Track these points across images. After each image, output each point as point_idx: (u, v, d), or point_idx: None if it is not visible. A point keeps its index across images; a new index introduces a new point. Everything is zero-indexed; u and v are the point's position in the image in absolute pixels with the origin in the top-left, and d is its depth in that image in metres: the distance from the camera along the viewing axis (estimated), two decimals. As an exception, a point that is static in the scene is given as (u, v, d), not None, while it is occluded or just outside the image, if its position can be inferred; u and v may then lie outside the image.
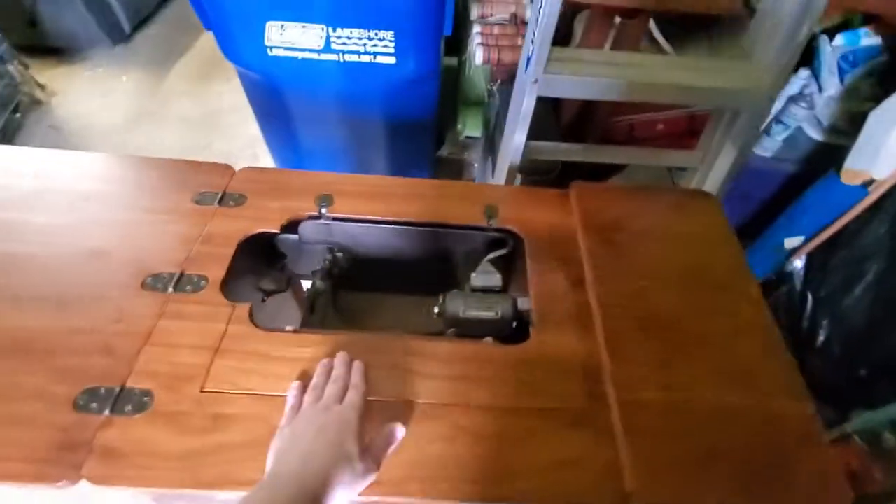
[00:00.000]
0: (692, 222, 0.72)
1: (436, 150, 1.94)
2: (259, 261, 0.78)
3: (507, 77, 1.40)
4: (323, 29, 1.03)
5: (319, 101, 1.17)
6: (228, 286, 0.62)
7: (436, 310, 0.66)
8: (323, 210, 0.71)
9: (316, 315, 0.73)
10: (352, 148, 1.31)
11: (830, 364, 1.19)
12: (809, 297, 1.26)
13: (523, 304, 0.64)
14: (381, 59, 1.09)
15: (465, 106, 1.96)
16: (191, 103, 2.23)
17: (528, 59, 0.74)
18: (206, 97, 2.24)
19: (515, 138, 0.82)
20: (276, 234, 0.68)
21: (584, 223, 0.70)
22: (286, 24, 1.03)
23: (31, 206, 0.67)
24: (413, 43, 1.07)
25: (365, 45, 1.06)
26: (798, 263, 1.30)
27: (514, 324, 0.65)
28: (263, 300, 0.80)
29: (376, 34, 1.04)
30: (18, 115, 2.06)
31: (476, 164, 2.03)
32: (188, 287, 0.60)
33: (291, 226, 0.70)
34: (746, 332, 0.60)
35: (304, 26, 1.03)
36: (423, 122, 1.33)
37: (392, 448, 0.45)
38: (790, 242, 1.33)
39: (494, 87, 1.43)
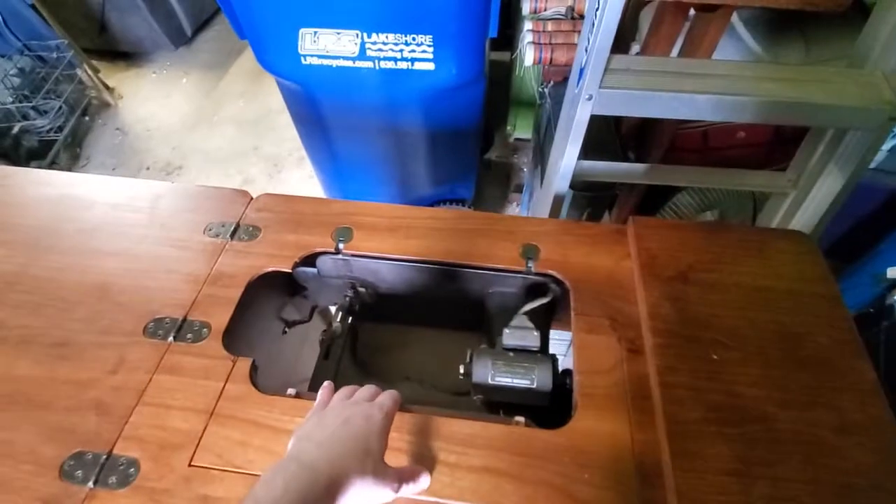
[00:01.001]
0: (783, 273, 0.57)
1: (483, 153, 1.83)
2: (279, 290, 0.72)
3: (560, 79, 1.27)
4: (357, 35, 0.96)
5: (356, 109, 1.10)
6: (232, 334, 0.56)
7: (461, 369, 0.57)
8: (340, 245, 0.63)
9: (330, 361, 0.66)
10: (391, 157, 1.24)
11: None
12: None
13: (564, 363, 0.54)
14: (419, 66, 1.00)
15: (517, 106, 1.84)
16: (244, 103, 2.27)
17: (581, 71, 0.62)
18: (258, 97, 2.26)
19: (564, 159, 0.71)
20: (288, 274, 0.62)
21: (644, 270, 0.58)
22: (319, 30, 0.96)
23: (37, 237, 0.65)
24: (453, 48, 0.97)
25: (402, 50, 0.98)
26: (905, 297, 1.08)
27: (552, 392, 0.55)
28: (285, 331, 0.75)
29: (413, 39, 0.95)
30: (87, 117, 2.18)
31: (525, 170, 1.90)
32: (189, 336, 0.55)
33: (307, 261, 0.64)
34: (856, 432, 0.46)
35: (338, 33, 0.96)
36: (466, 129, 1.23)
37: (415, 488, 0.41)
38: (894, 272, 1.11)
39: (546, 90, 1.30)
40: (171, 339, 0.55)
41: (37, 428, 0.49)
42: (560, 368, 0.57)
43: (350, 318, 0.71)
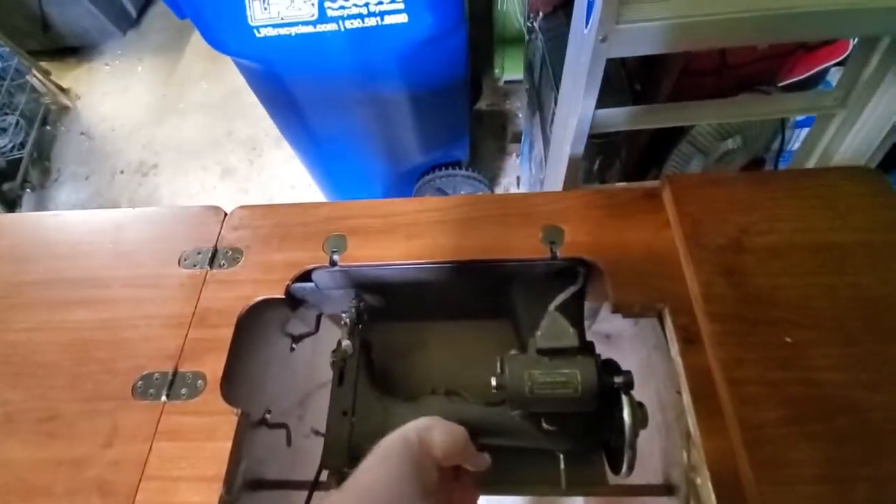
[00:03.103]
0: (854, 223, 0.49)
1: (472, 104, 1.69)
2: (276, 312, 0.65)
3: (550, 9, 1.11)
4: (313, -6, 0.82)
5: (326, 80, 0.98)
6: (232, 380, 0.50)
7: (493, 382, 0.50)
8: (335, 258, 0.55)
9: (346, 387, 0.60)
10: (374, 128, 1.12)
11: None
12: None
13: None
14: (389, 20, 0.86)
15: (503, 45, 1.67)
16: (207, 85, 2.10)
17: (590, 5, 0.50)
18: (221, 76, 2.09)
19: (579, 116, 0.60)
20: (281, 300, 0.54)
21: (689, 241, 0.49)
22: (268, -5, 0.83)
23: (6, 293, 0.57)
24: (427, -8, 0.84)
25: (367, 4, 0.84)
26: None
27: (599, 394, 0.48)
28: (293, 348, 0.68)
29: (379, -11, 0.82)
30: (48, 127, 2.04)
31: (521, 115, 1.76)
32: (183, 391, 0.49)
33: (301, 280, 0.56)
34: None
35: (290, -5, 0.83)
36: (452, 85, 1.10)
37: None
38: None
39: (535, 24, 1.15)
40: (164, 397, 0.48)
41: (32, 527, 0.44)
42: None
43: (360, 328, 0.64)
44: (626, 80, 1.08)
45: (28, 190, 1.83)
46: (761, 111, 0.71)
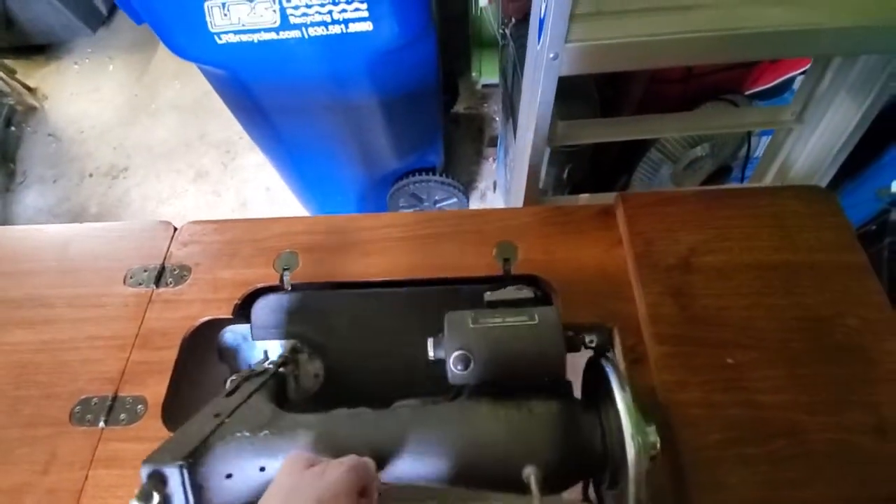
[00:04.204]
0: (802, 243, 0.49)
1: (449, 107, 1.68)
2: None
3: (521, 16, 1.11)
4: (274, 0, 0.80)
5: (292, 88, 0.96)
6: (173, 405, 0.49)
7: (430, 352, 0.41)
8: (285, 276, 0.54)
9: (235, 397, 0.50)
10: (344, 136, 1.10)
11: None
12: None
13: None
14: (354, 28, 0.85)
15: (479, 48, 1.66)
16: (180, 85, 2.05)
17: (541, 24, 0.50)
18: (195, 76, 2.02)
19: (535, 130, 0.60)
20: (228, 320, 0.53)
21: (639, 261, 0.49)
22: (228, 0, 0.80)
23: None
24: (391, 0, 0.82)
25: (331, 12, 0.82)
26: (914, 213, 1.02)
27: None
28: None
29: (342, -4, 0.80)
30: (13, 128, 1.98)
31: (498, 119, 1.76)
32: (122, 417, 0.47)
33: (248, 301, 0.55)
34: (898, 426, 0.40)
35: (250, 0, 0.81)
36: (422, 91, 1.09)
37: None
38: (901, 185, 1.04)
39: (507, 31, 1.15)
40: (101, 423, 0.47)
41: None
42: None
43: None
44: (594, 87, 1.08)
45: (-9, 193, 1.78)
46: (722, 124, 0.72)
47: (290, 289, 0.54)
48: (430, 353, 0.40)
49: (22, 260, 0.58)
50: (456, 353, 0.38)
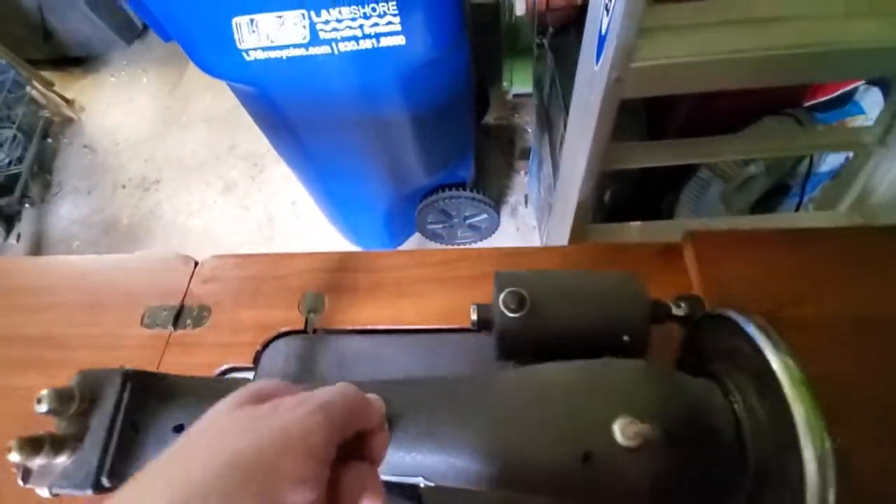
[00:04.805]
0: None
1: (479, 118, 1.63)
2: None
3: (560, 25, 1.05)
4: (303, 15, 0.77)
5: (321, 104, 0.92)
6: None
7: (473, 318, 0.33)
8: (311, 317, 0.49)
9: None
10: (373, 151, 1.06)
11: None
12: None
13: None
14: (386, 42, 0.81)
15: (511, 56, 1.60)
16: (211, 98, 2.07)
17: (602, 40, 0.44)
18: (225, 87, 2.05)
19: (587, 160, 0.54)
20: (247, 368, 0.49)
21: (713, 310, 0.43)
22: (256, 17, 0.77)
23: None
24: (424, 12, 0.78)
25: (362, 26, 0.78)
26: None
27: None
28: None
29: (373, 9, 0.76)
30: (50, 139, 2.02)
31: (530, 130, 1.70)
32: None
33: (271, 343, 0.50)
34: None
35: (279, 16, 0.77)
36: (454, 105, 1.04)
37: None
38: None
39: (545, 40, 1.09)
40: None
41: None
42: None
43: None
44: (640, 100, 1.01)
45: (27, 205, 1.82)
46: (793, 146, 0.64)
47: (312, 332, 0.49)
48: (472, 317, 0.32)
49: (40, 293, 0.56)
50: (508, 291, 0.30)
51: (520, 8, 0.98)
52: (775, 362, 0.22)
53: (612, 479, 0.22)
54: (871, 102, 1.00)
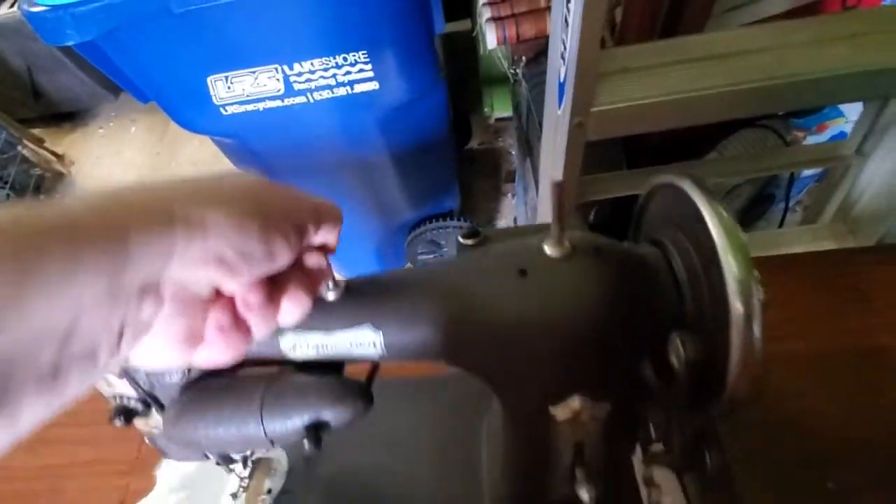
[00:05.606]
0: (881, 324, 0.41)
1: (463, 144, 1.65)
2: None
3: (532, 54, 1.07)
4: (277, 69, 0.78)
5: (301, 151, 0.94)
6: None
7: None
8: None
9: None
10: (357, 191, 1.07)
11: None
12: None
13: None
14: (360, 88, 0.82)
15: (489, 84, 1.63)
16: (199, 142, 2.09)
17: (561, 87, 0.44)
18: (214, 132, 2.09)
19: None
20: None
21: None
22: (230, 74, 0.79)
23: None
24: (396, 58, 0.79)
25: (335, 75, 0.80)
26: None
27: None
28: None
29: (344, 59, 0.77)
30: (42, 195, 2.04)
31: (514, 152, 1.71)
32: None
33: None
34: None
35: (252, 72, 0.79)
36: (435, 139, 1.05)
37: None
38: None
39: (519, 70, 1.11)
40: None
41: None
42: None
43: None
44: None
45: (22, 263, 1.82)
46: (775, 164, 0.64)
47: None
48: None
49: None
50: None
51: (490, 42, 1.00)
52: (707, 214, 0.23)
53: (547, 289, 0.25)
54: (850, 104, 1.00)
